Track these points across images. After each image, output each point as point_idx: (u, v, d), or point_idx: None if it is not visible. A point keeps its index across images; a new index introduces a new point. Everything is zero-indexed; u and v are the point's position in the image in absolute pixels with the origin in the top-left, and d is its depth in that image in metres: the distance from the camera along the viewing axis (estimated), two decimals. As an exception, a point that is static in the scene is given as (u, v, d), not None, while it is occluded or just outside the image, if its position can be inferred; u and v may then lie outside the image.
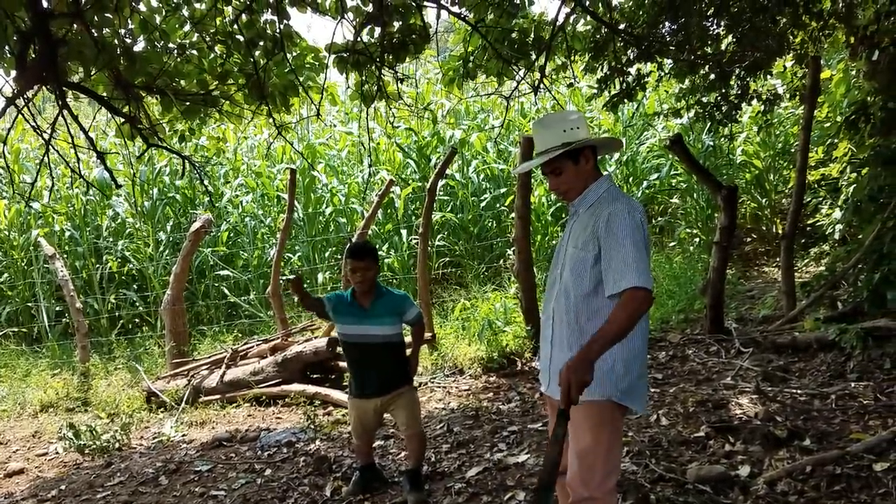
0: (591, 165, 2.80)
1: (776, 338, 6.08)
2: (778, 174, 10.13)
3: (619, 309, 2.51)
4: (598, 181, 2.82)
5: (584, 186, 2.81)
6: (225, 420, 6.91)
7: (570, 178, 2.80)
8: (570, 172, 2.79)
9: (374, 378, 4.26)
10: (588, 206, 2.79)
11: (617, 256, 2.56)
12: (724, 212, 6.42)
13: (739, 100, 7.60)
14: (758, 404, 4.83)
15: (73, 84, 4.14)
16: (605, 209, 2.67)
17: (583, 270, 2.71)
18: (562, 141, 2.74)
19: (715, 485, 3.69)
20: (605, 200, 2.73)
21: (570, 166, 2.78)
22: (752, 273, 9.15)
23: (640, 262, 2.53)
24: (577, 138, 2.74)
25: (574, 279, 2.74)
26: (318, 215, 11.16)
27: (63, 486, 5.51)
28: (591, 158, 2.80)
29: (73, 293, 8.85)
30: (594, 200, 2.78)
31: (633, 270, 2.51)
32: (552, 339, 2.86)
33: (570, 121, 2.77)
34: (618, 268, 2.55)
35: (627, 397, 2.69)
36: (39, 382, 8.98)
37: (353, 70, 5.41)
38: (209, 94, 5.51)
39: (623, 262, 2.54)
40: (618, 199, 2.71)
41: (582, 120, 2.80)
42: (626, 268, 2.52)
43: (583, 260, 2.71)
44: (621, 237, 2.57)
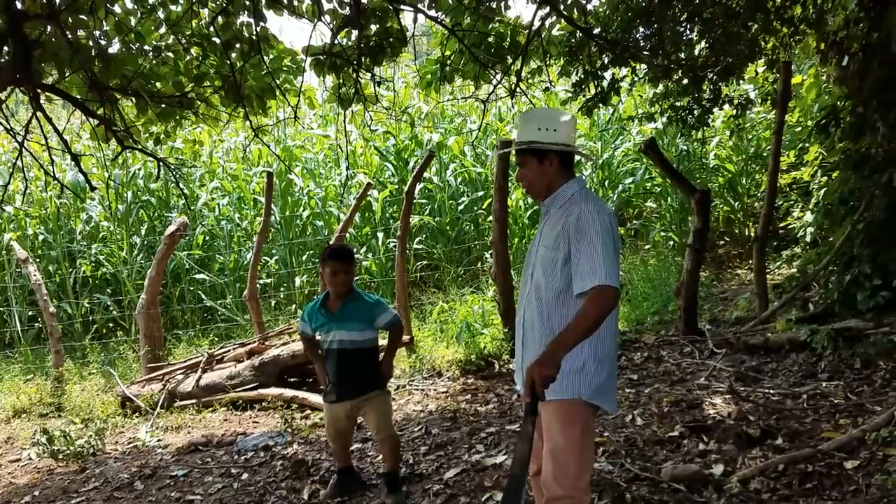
0: (556, 168, 2.83)
1: (749, 339, 6.16)
2: (750, 178, 10.27)
3: (587, 305, 2.55)
4: (569, 183, 2.85)
5: (546, 186, 2.86)
6: (201, 425, 6.86)
7: (531, 174, 2.87)
8: (533, 170, 2.85)
9: (343, 382, 4.25)
10: (558, 207, 2.83)
11: (585, 256, 2.60)
12: (697, 215, 6.51)
13: (712, 104, 7.70)
14: (731, 404, 4.89)
15: (48, 86, 4.10)
16: (574, 210, 2.72)
17: (553, 270, 2.75)
18: (531, 138, 2.81)
19: (689, 483, 3.74)
20: (575, 202, 2.77)
21: (534, 164, 2.84)
22: (726, 275, 9.27)
23: (608, 262, 2.57)
24: (548, 139, 2.79)
25: (545, 279, 2.78)
26: (294, 219, 11.13)
27: (36, 492, 5.45)
28: (556, 161, 2.82)
29: (46, 297, 8.74)
30: (564, 201, 2.82)
31: (601, 269, 2.56)
32: (524, 339, 2.91)
33: (549, 120, 2.82)
34: (586, 267, 2.59)
35: (598, 396, 2.73)
36: (12, 388, 8.86)
37: (330, 73, 5.41)
38: (185, 97, 5.48)
39: (591, 262, 2.58)
40: (587, 201, 2.75)
41: (563, 123, 2.83)
42: (594, 267, 2.57)
43: (553, 259, 2.75)
44: (590, 237, 2.61)
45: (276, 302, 10.96)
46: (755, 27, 7.03)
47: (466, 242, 10.78)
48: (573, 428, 2.72)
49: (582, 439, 2.73)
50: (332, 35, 4.98)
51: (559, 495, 2.71)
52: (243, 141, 12.60)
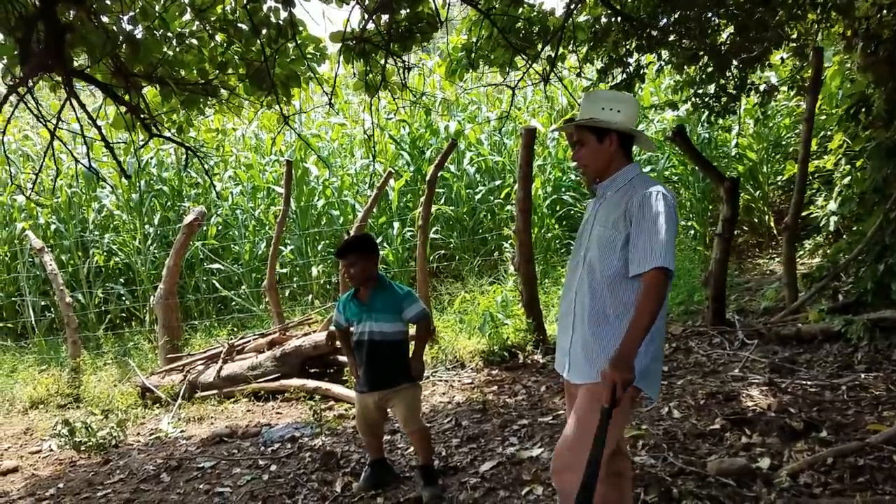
0: (615, 149, 2.81)
1: (780, 329, 6.08)
2: (771, 166, 10.16)
3: (645, 296, 2.54)
4: (628, 167, 2.83)
5: (603, 167, 2.84)
6: (223, 415, 6.80)
7: (589, 153, 2.84)
8: (591, 148, 2.83)
9: (372, 373, 4.21)
10: (617, 189, 2.80)
11: (646, 238, 2.58)
12: (726, 203, 6.41)
13: (738, 91, 7.59)
14: (769, 396, 4.82)
15: (78, 72, 4.01)
16: (638, 191, 2.69)
17: (611, 250, 2.72)
18: (595, 115, 2.79)
19: (737, 478, 3.67)
20: (637, 185, 2.74)
21: (593, 142, 2.82)
22: (747, 265, 9.17)
23: (667, 246, 2.57)
24: (611, 119, 2.77)
25: (600, 260, 2.75)
26: (310, 208, 11.05)
27: (61, 485, 5.39)
28: (616, 142, 2.80)
29: (62, 287, 8.68)
30: (624, 184, 2.79)
31: (661, 252, 2.55)
32: (574, 322, 2.86)
33: (614, 100, 2.81)
34: (645, 248, 2.58)
35: (642, 380, 2.67)
36: (27, 378, 8.81)
37: (358, 59, 5.30)
38: (209, 84, 5.39)
39: (650, 244, 2.57)
40: (650, 184, 2.73)
41: (628, 105, 2.82)
42: (654, 249, 2.55)
43: (612, 239, 2.72)
44: (653, 220, 2.59)
45: (291, 292, 10.90)
46: (782, 13, 6.92)
47: (483, 232, 10.69)
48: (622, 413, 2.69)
49: (618, 421, 2.67)
50: (364, 20, 4.87)
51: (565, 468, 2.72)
52: (255, 129, 12.52)
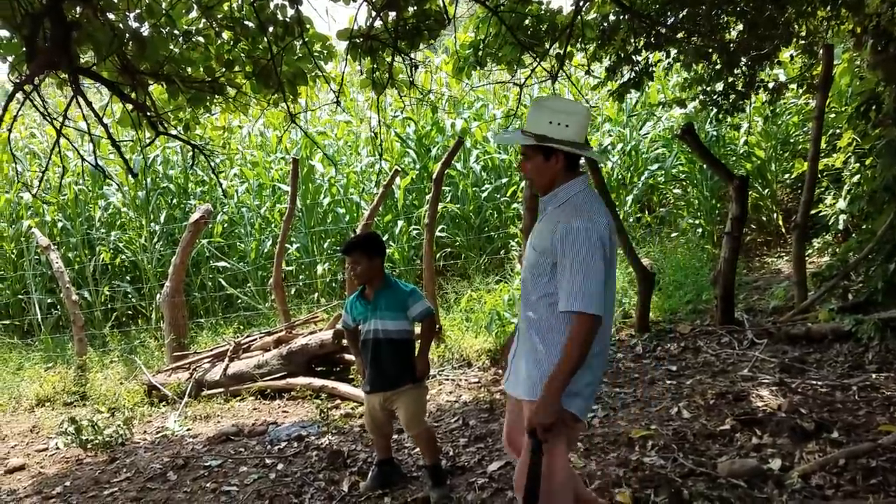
0: (562, 167, 2.74)
1: (790, 328, 6.04)
2: (779, 164, 10.10)
3: (569, 342, 2.57)
4: (571, 182, 2.76)
5: (549, 183, 2.78)
6: (230, 414, 6.80)
7: (534, 169, 2.78)
8: (538, 164, 2.76)
9: (376, 373, 4.19)
10: (558, 206, 2.75)
11: (569, 277, 2.58)
12: (735, 202, 6.37)
13: (747, 89, 7.54)
14: (779, 396, 4.78)
15: (85, 69, 4.00)
16: (566, 219, 2.64)
17: (541, 274, 2.73)
18: (540, 132, 2.70)
19: (748, 479, 3.63)
20: (570, 207, 2.69)
21: (540, 160, 2.75)
22: (755, 264, 9.12)
23: (590, 287, 2.55)
24: (558, 135, 2.68)
25: (532, 282, 2.77)
26: (315, 206, 11.03)
27: (67, 483, 5.39)
28: (562, 161, 2.72)
29: (68, 285, 8.68)
30: (563, 201, 2.74)
31: (581, 295, 2.54)
32: (518, 336, 2.92)
33: (562, 113, 2.69)
34: (569, 289, 2.57)
35: (573, 403, 2.69)
36: (34, 376, 8.82)
37: (365, 57, 5.28)
38: (216, 82, 5.37)
39: (573, 284, 2.56)
40: (582, 214, 2.64)
41: (577, 118, 2.70)
42: (576, 291, 2.56)
43: (542, 265, 2.72)
44: (576, 255, 2.57)
45: (297, 290, 10.89)
46: (791, 10, 6.86)
47: (489, 230, 10.66)
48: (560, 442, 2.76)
49: (553, 442, 2.72)
50: (372, 17, 4.84)
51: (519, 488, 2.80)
52: (261, 127, 12.50)
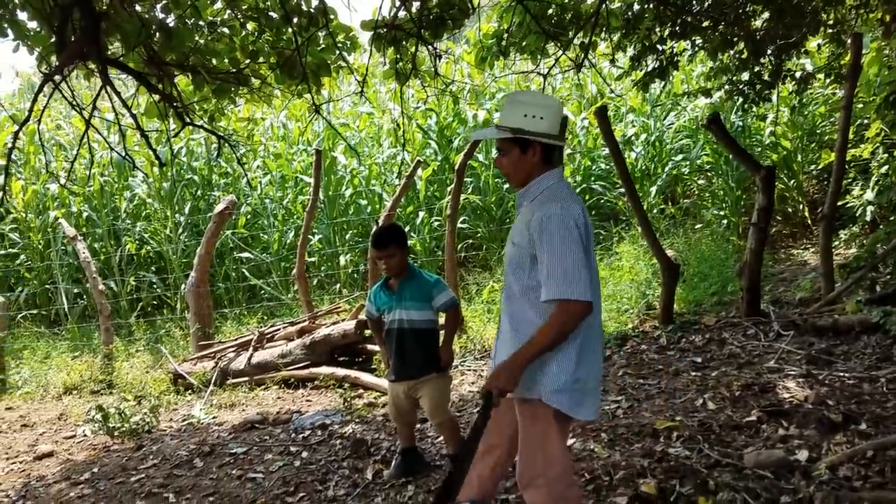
0: (539, 160, 2.72)
1: (816, 320, 5.98)
2: (805, 155, 9.98)
3: (551, 320, 2.57)
4: (544, 176, 2.75)
5: (526, 177, 2.77)
6: (254, 402, 6.86)
7: (510, 163, 2.76)
8: (514, 158, 2.75)
9: (400, 362, 4.21)
10: (532, 200, 2.74)
11: (548, 265, 2.56)
12: (761, 192, 6.30)
13: (773, 78, 7.45)
14: (806, 388, 4.74)
15: (114, 60, 4.03)
16: (541, 209, 2.63)
17: (520, 268, 2.73)
18: (516, 125, 2.69)
19: (775, 470, 3.61)
20: (545, 199, 2.67)
21: (516, 153, 2.73)
22: (781, 256, 9.03)
23: (572, 273, 2.53)
24: (534, 128, 2.67)
25: (513, 277, 2.77)
26: (338, 197, 11.07)
27: (95, 469, 5.47)
28: (539, 153, 2.71)
29: (95, 275, 8.79)
30: (536, 195, 2.73)
31: (562, 282, 2.52)
32: (500, 334, 2.92)
33: (537, 107, 2.69)
34: (549, 276, 2.56)
35: (556, 400, 2.68)
36: (61, 364, 8.95)
37: (389, 47, 5.28)
38: (240, 73, 5.39)
39: (554, 272, 2.55)
40: (554, 202, 2.63)
41: (552, 111, 2.70)
42: (557, 278, 2.54)
43: (520, 258, 2.72)
44: (552, 244, 2.56)
45: (319, 280, 10.95)
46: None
47: (510, 222, 10.64)
48: (536, 424, 2.75)
49: (545, 436, 2.73)
50: (398, 6, 4.84)
51: (527, 485, 2.79)
52: (284, 119, 12.56)
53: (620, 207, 10.22)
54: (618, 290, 7.79)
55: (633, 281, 7.87)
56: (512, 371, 2.61)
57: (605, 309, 7.54)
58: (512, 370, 2.61)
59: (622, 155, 7.02)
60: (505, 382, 2.61)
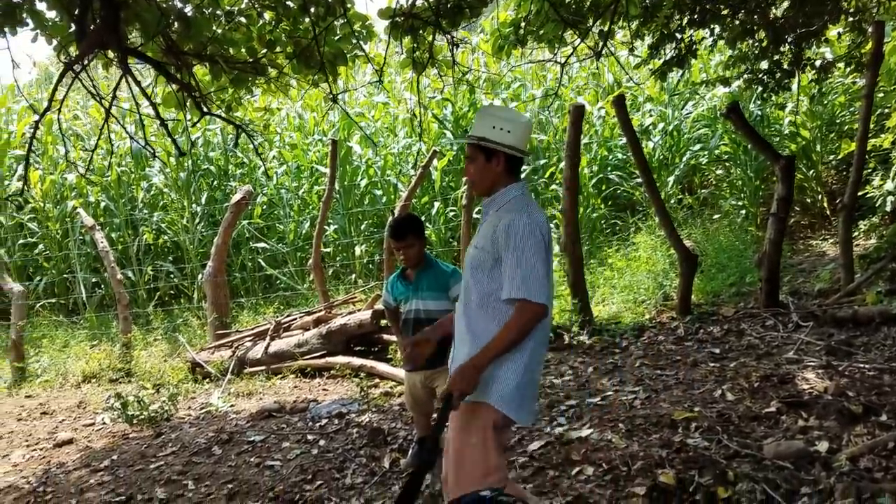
0: (502, 169, 2.84)
1: (836, 311, 5.93)
2: (825, 145, 9.87)
3: (511, 322, 2.65)
4: (511, 186, 2.87)
5: (489, 185, 2.89)
6: (271, 391, 6.90)
7: (476, 170, 2.88)
8: (479, 166, 2.86)
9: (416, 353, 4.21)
10: (497, 209, 2.85)
11: (512, 267, 2.66)
12: (781, 182, 6.24)
13: (793, 67, 7.37)
14: (825, 379, 4.70)
15: (133, 50, 4.05)
16: (507, 217, 2.74)
17: (481, 272, 2.80)
18: (484, 135, 2.82)
19: (795, 461, 3.59)
20: (511, 208, 2.79)
21: (482, 161, 2.85)
22: (799, 246, 8.96)
23: (534, 276, 2.64)
24: (500, 139, 2.80)
25: (473, 281, 2.84)
26: (353, 187, 11.07)
27: (115, 457, 5.52)
28: (503, 163, 2.83)
29: (113, 265, 8.86)
30: (503, 204, 2.84)
31: (525, 284, 2.63)
32: (456, 337, 2.97)
33: (505, 120, 2.83)
34: (512, 278, 2.66)
35: (505, 404, 2.75)
36: (80, 353, 9.03)
37: (406, 36, 5.26)
38: (258, 62, 5.40)
39: (517, 274, 2.65)
40: (521, 210, 2.76)
41: (519, 126, 2.83)
42: (520, 280, 2.64)
43: (482, 261, 2.80)
44: (518, 248, 2.66)
45: (335, 271, 10.97)
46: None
47: (526, 212, 10.60)
48: (474, 429, 2.77)
49: (483, 441, 2.76)
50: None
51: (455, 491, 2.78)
52: (300, 109, 12.56)
53: (637, 198, 10.16)
54: (634, 280, 7.76)
55: (650, 272, 7.84)
56: (472, 374, 2.66)
57: (622, 299, 7.52)
58: (472, 373, 2.66)
59: (640, 144, 6.99)
60: (466, 385, 2.66)
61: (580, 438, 4.38)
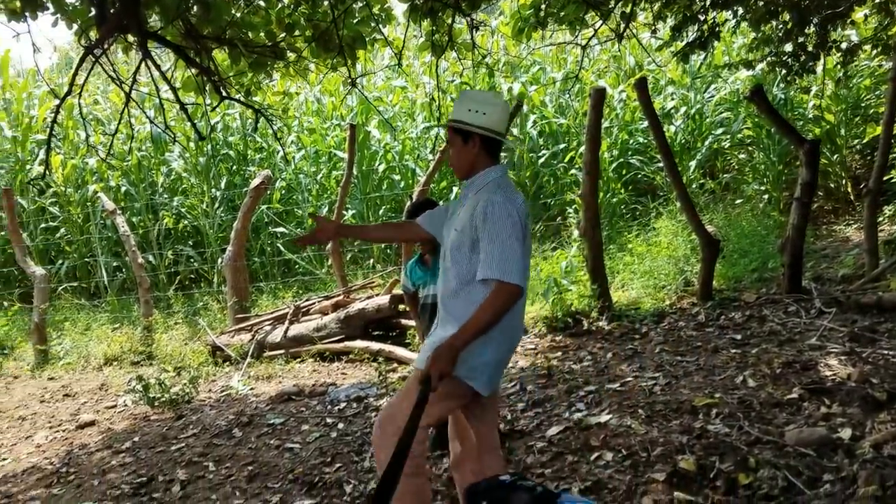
0: (478, 151, 2.86)
1: (860, 297, 5.85)
2: (849, 129, 9.72)
3: (486, 303, 2.66)
4: (488, 169, 2.90)
5: (468, 168, 2.92)
6: (290, 375, 6.94)
7: (454, 154, 2.92)
8: (457, 149, 2.90)
9: None
10: (476, 191, 2.87)
11: (488, 247, 2.68)
12: (805, 167, 6.15)
13: (818, 50, 7.24)
14: (848, 365, 4.64)
15: (153, 34, 4.04)
16: (485, 198, 2.77)
17: (460, 254, 2.83)
18: (460, 118, 2.86)
19: (817, 448, 3.55)
20: (489, 190, 2.81)
21: (459, 143, 2.88)
22: (822, 232, 8.84)
23: (511, 257, 2.65)
24: (475, 121, 2.83)
25: (452, 263, 2.86)
26: (371, 172, 11.06)
27: (136, 438, 5.58)
28: (479, 145, 2.85)
29: (134, 249, 8.93)
30: (480, 187, 2.86)
31: (501, 264, 2.64)
32: (438, 318, 3.00)
33: (480, 103, 2.85)
34: (489, 258, 2.67)
35: (471, 377, 2.81)
36: (101, 336, 9.12)
37: (425, 18, 5.23)
38: (276, 46, 5.39)
39: (493, 254, 2.66)
40: (499, 190, 2.79)
41: (494, 108, 2.86)
42: (494, 260, 2.65)
43: (461, 244, 2.82)
44: (496, 229, 2.68)
45: (353, 255, 10.99)
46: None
47: (544, 197, 10.55)
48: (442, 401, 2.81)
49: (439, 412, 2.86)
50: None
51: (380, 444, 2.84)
52: (318, 94, 12.55)
53: (658, 182, 10.07)
54: (655, 265, 7.70)
55: (671, 257, 7.77)
56: (450, 354, 2.66)
57: (642, 285, 7.47)
58: (451, 353, 2.66)
59: (662, 128, 6.92)
60: (444, 365, 2.65)
61: (599, 424, 4.37)
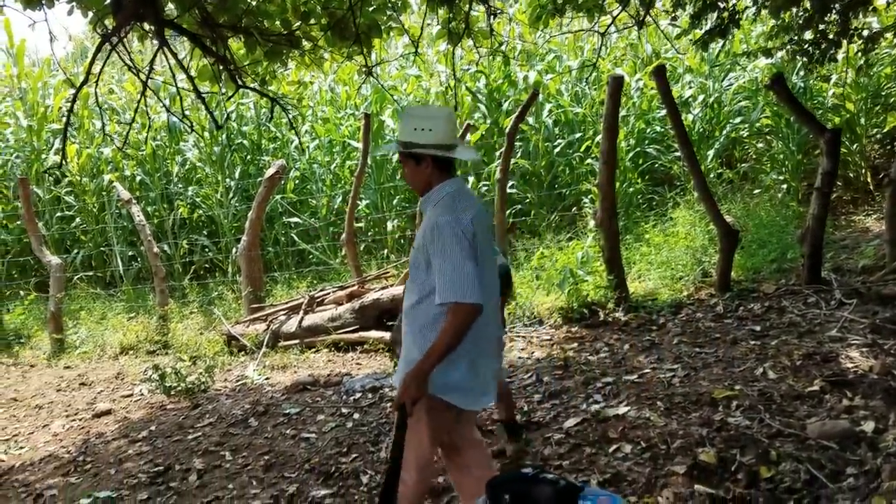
0: (432, 170, 2.87)
1: (881, 288, 5.78)
2: (869, 119, 9.58)
3: (447, 325, 2.68)
4: (442, 184, 2.89)
5: (425, 185, 2.92)
6: (305, 364, 6.94)
7: (409, 174, 2.95)
8: (411, 169, 2.92)
9: None
10: (434, 205, 2.88)
11: (440, 269, 2.70)
12: (826, 156, 6.07)
13: (839, 37, 7.12)
14: (870, 357, 4.59)
15: (170, 22, 4.02)
16: (433, 218, 2.78)
17: (418, 272, 2.87)
18: (408, 139, 2.86)
19: (840, 440, 3.51)
20: (441, 207, 2.82)
21: (412, 164, 2.90)
22: (841, 222, 8.74)
23: (462, 278, 2.65)
24: (423, 140, 2.82)
25: (413, 279, 2.92)
26: (385, 162, 11.02)
27: (153, 427, 5.60)
28: (431, 163, 2.85)
29: (150, 238, 8.95)
30: (437, 201, 2.87)
31: (454, 285, 2.65)
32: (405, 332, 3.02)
33: (425, 119, 2.85)
34: (442, 281, 2.69)
35: (447, 392, 2.84)
36: (117, 325, 9.15)
37: (441, 6, 5.18)
38: (292, 35, 5.35)
39: (446, 276, 2.67)
40: (448, 212, 2.77)
41: (439, 122, 2.84)
42: (447, 283, 2.67)
43: (418, 263, 2.87)
44: (445, 249, 2.69)
45: (367, 245, 10.97)
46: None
47: (560, 187, 10.47)
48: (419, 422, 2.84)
49: (423, 433, 2.88)
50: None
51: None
52: (332, 83, 12.50)
53: (675, 172, 9.97)
54: (672, 256, 7.63)
55: (689, 247, 7.70)
56: (419, 379, 2.70)
57: (659, 276, 7.41)
58: (419, 378, 2.70)
59: (680, 116, 6.84)
60: (415, 390, 2.70)
61: (617, 416, 4.34)
